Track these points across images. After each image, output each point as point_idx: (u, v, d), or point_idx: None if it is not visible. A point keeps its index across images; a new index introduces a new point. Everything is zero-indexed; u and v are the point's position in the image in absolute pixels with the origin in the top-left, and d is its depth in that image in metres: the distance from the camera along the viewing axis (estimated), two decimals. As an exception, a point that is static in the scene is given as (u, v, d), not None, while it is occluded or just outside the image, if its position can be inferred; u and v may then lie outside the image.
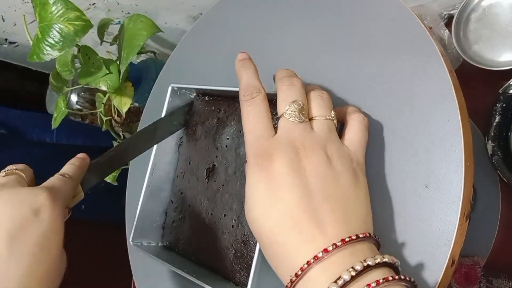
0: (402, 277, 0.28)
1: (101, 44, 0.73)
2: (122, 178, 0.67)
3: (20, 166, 0.38)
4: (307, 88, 0.37)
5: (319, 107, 0.35)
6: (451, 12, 0.72)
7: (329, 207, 0.31)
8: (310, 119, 0.35)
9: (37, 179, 0.38)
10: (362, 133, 0.36)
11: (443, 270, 0.33)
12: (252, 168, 0.33)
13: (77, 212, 0.41)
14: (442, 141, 0.35)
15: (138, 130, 0.66)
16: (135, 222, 0.49)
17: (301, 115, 0.34)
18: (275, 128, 0.35)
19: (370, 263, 0.28)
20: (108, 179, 0.78)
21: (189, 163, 0.49)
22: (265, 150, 0.33)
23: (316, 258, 0.29)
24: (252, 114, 0.35)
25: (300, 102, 0.34)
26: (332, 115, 0.35)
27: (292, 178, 0.31)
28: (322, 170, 0.32)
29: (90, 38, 0.75)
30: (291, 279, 0.30)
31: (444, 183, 0.34)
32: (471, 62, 0.64)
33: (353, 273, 0.28)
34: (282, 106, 0.35)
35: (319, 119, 0.35)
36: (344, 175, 0.33)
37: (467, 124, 0.35)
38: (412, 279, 0.29)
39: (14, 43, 0.84)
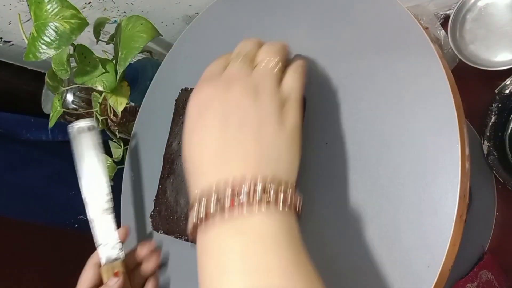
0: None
1: (97, 43, 0.73)
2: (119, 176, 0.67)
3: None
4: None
5: (265, 53, 0.37)
6: (447, 12, 0.72)
7: (242, 138, 0.32)
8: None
9: (34, 177, 0.38)
10: (298, 74, 0.37)
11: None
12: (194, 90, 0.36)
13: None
14: (437, 141, 0.35)
15: (133, 129, 0.65)
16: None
17: (246, 59, 0.37)
18: None
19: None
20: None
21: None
22: (205, 78, 0.36)
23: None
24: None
25: (250, 52, 0.38)
26: (276, 59, 0.37)
27: (212, 108, 0.33)
28: (244, 104, 0.33)
29: (86, 37, 0.74)
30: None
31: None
32: (467, 62, 0.64)
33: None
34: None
35: (261, 62, 0.37)
36: (269, 112, 0.33)
37: (462, 123, 0.35)
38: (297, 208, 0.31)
39: (9, 42, 0.84)
